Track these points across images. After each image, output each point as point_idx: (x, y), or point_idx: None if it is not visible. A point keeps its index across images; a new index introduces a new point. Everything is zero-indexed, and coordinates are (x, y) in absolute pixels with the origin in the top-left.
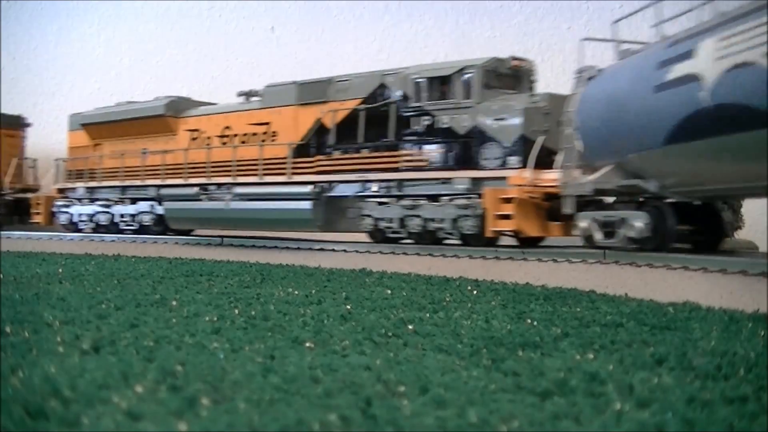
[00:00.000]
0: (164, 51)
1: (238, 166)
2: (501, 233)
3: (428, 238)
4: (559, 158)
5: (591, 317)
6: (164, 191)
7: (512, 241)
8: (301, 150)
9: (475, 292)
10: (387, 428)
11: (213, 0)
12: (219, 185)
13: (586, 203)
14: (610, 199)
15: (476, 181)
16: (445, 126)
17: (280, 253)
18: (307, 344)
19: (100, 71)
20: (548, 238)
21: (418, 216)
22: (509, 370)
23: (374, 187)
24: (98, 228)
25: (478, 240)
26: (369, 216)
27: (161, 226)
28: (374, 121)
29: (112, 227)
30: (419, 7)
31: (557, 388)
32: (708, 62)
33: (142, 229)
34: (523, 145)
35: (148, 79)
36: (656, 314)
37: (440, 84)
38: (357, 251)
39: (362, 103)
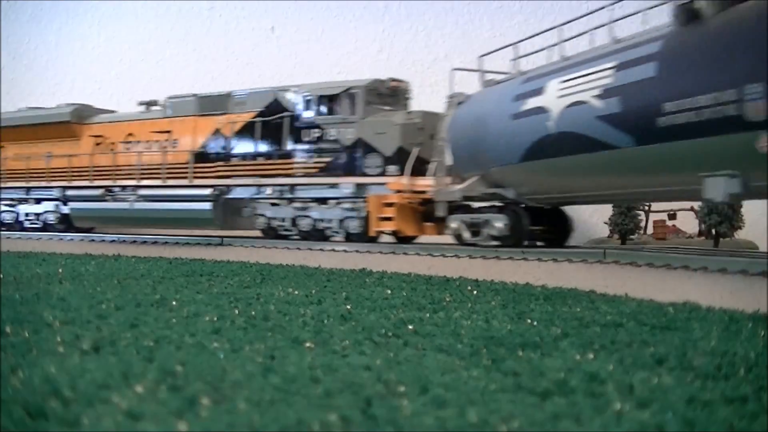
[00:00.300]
0: (164, 51)
1: (142, 169)
2: (382, 232)
3: (316, 236)
4: (431, 167)
5: (591, 317)
6: (70, 192)
7: (390, 239)
8: (202, 156)
9: (475, 292)
10: (387, 428)
11: (213, 0)
12: (123, 187)
13: (456, 207)
14: (477, 204)
15: (360, 187)
16: (332, 138)
17: (280, 253)
18: (307, 344)
19: (100, 71)
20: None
21: (308, 216)
22: (509, 370)
23: (269, 190)
24: (1, 225)
25: (361, 238)
26: (263, 216)
27: (65, 224)
28: (269, 131)
29: (17, 225)
30: (419, 7)
31: (557, 388)
32: (553, 99)
33: (46, 227)
34: (401, 155)
35: (148, 79)
36: (656, 314)
37: (328, 101)
38: (357, 251)
39: (257, 115)
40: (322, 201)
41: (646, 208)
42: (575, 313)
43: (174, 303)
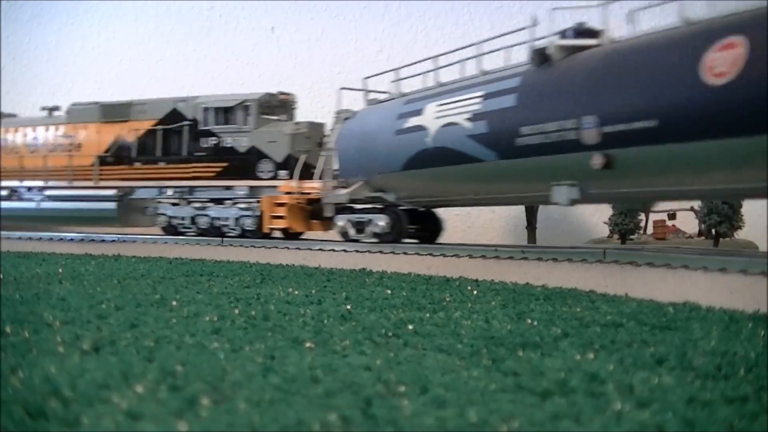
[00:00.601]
0: (164, 51)
1: (48, 171)
2: (274, 229)
3: (213, 233)
4: (317, 171)
5: (591, 317)
6: None
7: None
8: (106, 160)
9: (475, 292)
10: (387, 428)
11: (213, 0)
12: (30, 188)
13: (342, 208)
14: (359, 206)
15: (254, 189)
16: (228, 145)
17: (280, 253)
18: (307, 344)
19: (100, 71)
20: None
21: (206, 215)
22: (509, 370)
23: (170, 192)
24: None
25: (255, 234)
26: (164, 214)
27: None
28: (170, 138)
29: None
30: (419, 7)
31: (557, 388)
32: (431, 119)
33: None
34: (290, 161)
35: (148, 79)
36: (656, 314)
37: (225, 112)
38: (357, 251)
39: (158, 123)
40: (219, 201)
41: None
42: (575, 313)
43: (174, 303)
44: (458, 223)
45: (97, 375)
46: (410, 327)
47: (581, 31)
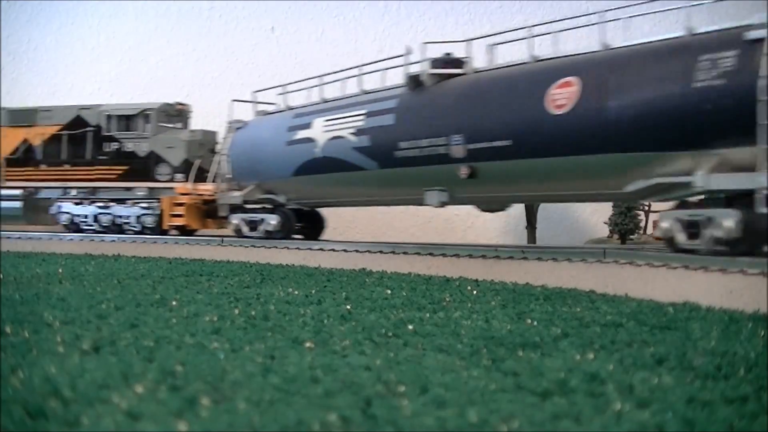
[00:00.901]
0: (164, 51)
1: None
2: (173, 227)
3: (115, 230)
4: (210, 175)
5: (591, 317)
6: None
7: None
8: (13, 162)
9: (475, 292)
10: (387, 428)
11: (213, 0)
12: None
13: (235, 208)
14: (250, 206)
15: (153, 190)
16: (129, 150)
17: (280, 253)
18: (307, 344)
19: (100, 71)
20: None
21: (109, 213)
22: (509, 370)
23: (74, 192)
24: None
25: (154, 231)
26: (68, 213)
27: None
28: (74, 142)
29: None
30: (419, 7)
31: (557, 388)
32: (319, 132)
33: None
34: (186, 165)
35: (149, 80)
36: (656, 314)
37: (126, 119)
38: (357, 251)
39: (62, 129)
40: (121, 201)
41: (646, 208)
42: (575, 313)
43: (174, 303)
44: (458, 223)
45: (97, 375)
46: (410, 327)
47: (448, 61)
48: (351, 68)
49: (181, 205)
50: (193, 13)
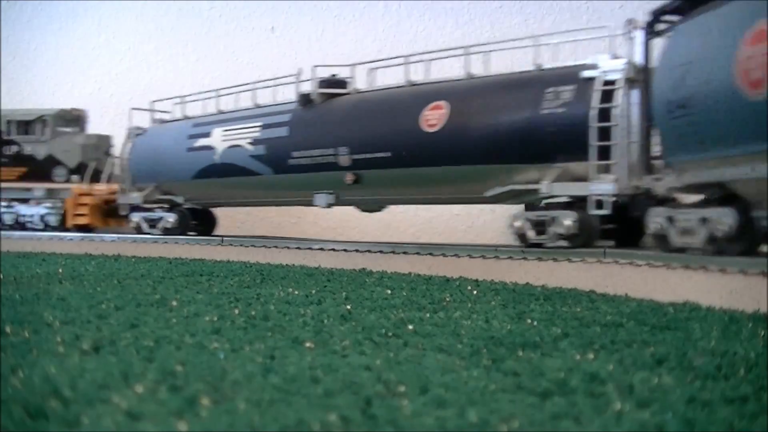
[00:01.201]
0: (164, 51)
1: None
2: (77, 225)
3: (18, 228)
4: (104, 176)
5: (591, 317)
6: None
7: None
8: None
9: (475, 292)
10: (387, 428)
11: (213, 0)
12: None
13: (135, 207)
14: (149, 205)
15: (51, 191)
16: (28, 153)
17: (280, 253)
18: (307, 344)
19: (100, 71)
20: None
21: (13, 212)
22: (509, 370)
23: None
24: None
25: (57, 228)
26: None
27: None
28: None
29: None
30: (419, 7)
31: (557, 388)
32: (218, 141)
33: None
34: (82, 167)
35: (149, 79)
36: (656, 314)
37: (25, 125)
38: (357, 251)
39: None
40: (24, 200)
41: None
42: (575, 313)
43: (174, 303)
44: (458, 223)
45: (97, 375)
46: (410, 327)
47: (334, 82)
48: (246, 84)
49: (84, 205)
50: (193, 13)
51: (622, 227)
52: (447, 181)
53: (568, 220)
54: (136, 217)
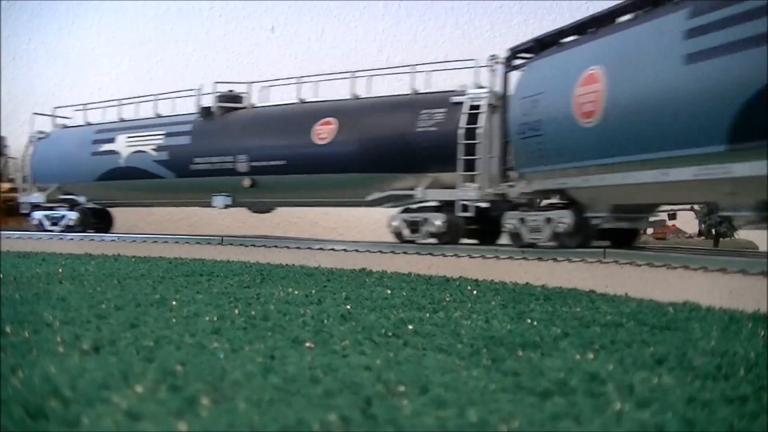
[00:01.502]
0: (164, 51)
1: None
2: None
3: None
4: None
5: (591, 317)
6: None
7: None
8: None
9: (475, 292)
10: (387, 428)
11: (213, 0)
12: None
13: (37, 207)
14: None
15: None
16: None
17: (280, 253)
18: (307, 344)
19: (100, 71)
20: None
21: None
22: (509, 370)
23: None
24: None
25: None
26: None
27: None
28: None
29: None
30: (419, 7)
31: (557, 388)
32: (123, 146)
33: None
34: None
35: (149, 80)
36: (656, 314)
37: None
38: (357, 251)
39: None
40: None
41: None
42: (575, 313)
43: (174, 303)
44: None
45: (97, 375)
46: (410, 327)
47: (231, 97)
48: (147, 95)
49: None
50: (193, 13)
51: (483, 227)
52: (335, 186)
53: (438, 221)
54: (38, 215)
